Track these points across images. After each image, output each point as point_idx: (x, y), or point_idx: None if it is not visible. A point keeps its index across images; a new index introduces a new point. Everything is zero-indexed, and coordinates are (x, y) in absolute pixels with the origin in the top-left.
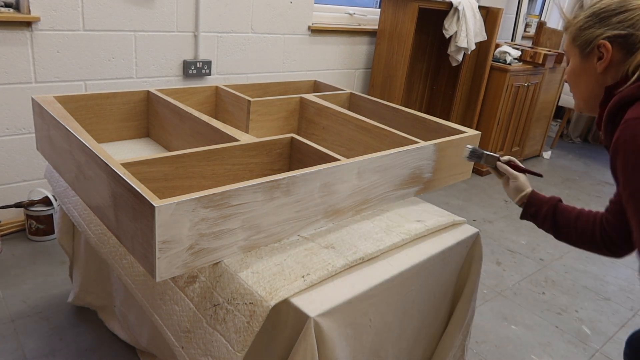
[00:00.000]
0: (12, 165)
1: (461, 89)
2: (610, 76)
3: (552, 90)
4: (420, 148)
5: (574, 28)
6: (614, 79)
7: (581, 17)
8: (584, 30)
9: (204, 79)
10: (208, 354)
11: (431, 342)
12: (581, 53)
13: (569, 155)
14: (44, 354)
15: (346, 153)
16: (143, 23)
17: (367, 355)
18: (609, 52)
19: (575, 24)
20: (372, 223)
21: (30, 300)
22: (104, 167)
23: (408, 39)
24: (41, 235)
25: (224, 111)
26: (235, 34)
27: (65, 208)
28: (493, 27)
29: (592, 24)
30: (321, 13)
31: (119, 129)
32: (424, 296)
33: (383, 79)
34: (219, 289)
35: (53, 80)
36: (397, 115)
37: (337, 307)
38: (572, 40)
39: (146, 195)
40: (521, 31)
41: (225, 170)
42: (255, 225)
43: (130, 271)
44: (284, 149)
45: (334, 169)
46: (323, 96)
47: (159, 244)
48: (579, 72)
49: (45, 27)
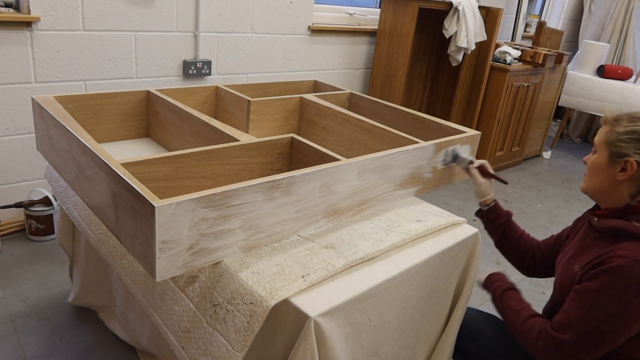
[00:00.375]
0: (12, 165)
1: (461, 89)
2: (626, 186)
3: (552, 90)
4: (420, 148)
5: (613, 134)
6: (630, 190)
7: (622, 128)
8: (621, 142)
9: (204, 79)
10: (208, 354)
11: (431, 342)
12: (610, 156)
13: (569, 155)
14: (44, 354)
15: (346, 153)
16: (143, 23)
17: (366, 354)
18: (633, 170)
19: (615, 130)
20: (372, 223)
21: (30, 300)
22: (104, 167)
23: (408, 39)
24: (41, 235)
25: (224, 111)
26: (235, 34)
27: (65, 208)
28: (493, 27)
29: (629, 141)
30: (321, 13)
31: (119, 129)
32: (423, 296)
33: (383, 79)
34: (219, 289)
35: (53, 80)
36: (397, 115)
37: (337, 307)
38: (606, 142)
39: (146, 195)
40: (521, 31)
41: (225, 170)
42: (255, 225)
43: (130, 271)
44: (284, 149)
45: (334, 169)
46: (323, 96)
47: (159, 244)
48: (600, 168)
49: (45, 27)
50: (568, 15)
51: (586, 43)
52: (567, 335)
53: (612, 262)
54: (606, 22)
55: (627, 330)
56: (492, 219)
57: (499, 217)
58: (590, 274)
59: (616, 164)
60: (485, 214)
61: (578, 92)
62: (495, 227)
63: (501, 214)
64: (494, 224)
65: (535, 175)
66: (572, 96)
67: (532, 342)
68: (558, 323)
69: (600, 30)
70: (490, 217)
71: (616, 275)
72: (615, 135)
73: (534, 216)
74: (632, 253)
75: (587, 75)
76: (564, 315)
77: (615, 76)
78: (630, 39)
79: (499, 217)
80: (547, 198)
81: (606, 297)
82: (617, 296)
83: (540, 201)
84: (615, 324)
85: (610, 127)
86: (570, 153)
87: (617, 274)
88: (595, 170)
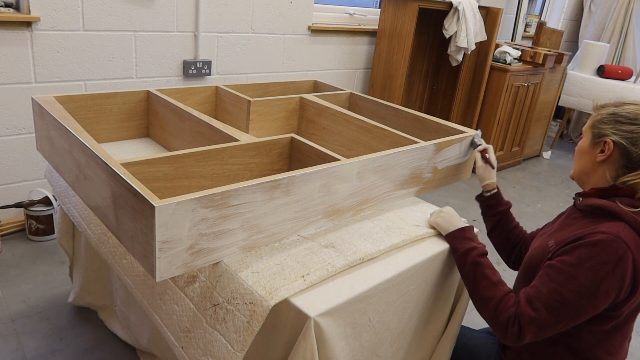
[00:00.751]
0: (12, 165)
1: (461, 89)
2: (606, 167)
3: (552, 90)
4: (420, 148)
5: (597, 117)
6: (609, 171)
7: (604, 111)
8: (601, 123)
9: (204, 79)
10: (208, 353)
11: (431, 342)
12: (591, 139)
13: (569, 155)
14: (44, 354)
15: (346, 153)
16: (143, 23)
17: (365, 354)
18: (610, 149)
19: (598, 115)
20: (372, 223)
21: (30, 300)
22: (104, 167)
23: (408, 39)
24: (41, 235)
25: (224, 111)
26: (235, 34)
27: (65, 208)
28: (493, 27)
29: (608, 122)
30: (321, 13)
31: (118, 129)
32: (423, 296)
33: (383, 79)
34: (219, 289)
35: (53, 80)
36: (397, 115)
37: (336, 307)
38: (591, 126)
39: (146, 195)
40: (521, 31)
41: (225, 170)
42: (255, 225)
43: (130, 271)
44: (284, 149)
45: (334, 169)
46: (323, 96)
47: (159, 244)
48: (583, 151)
49: (45, 27)
50: (568, 15)
51: (586, 43)
52: (535, 311)
53: (592, 237)
54: (606, 22)
55: (596, 306)
56: (492, 205)
57: (499, 204)
58: (567, 247)
59: (597, 145)
60: (486, 200)
61: (578, 92)
62: (493, 214)
63: (501, 202)
64: (492, 210)
65: (535, 175)
66: (572, 96)
67: (505, 322)
68: (526, 296)
69: (600, 30)
70: (490, 203)
71: (595, 249)
72: (598, 118)
73: (534, 216)
74: (614, 230)
75: (587, 75)
76: (534, 288)
77: (615, 76)
78: (630, 39)
79: (499, 204)
80: (547, 198)
81: (581, 270)
82: (592, 269)
83: (540, 201)
84: (586, 298)
85: (597, 112)
86: (570, 153)
87: (596, 248)
88: (580, 153)
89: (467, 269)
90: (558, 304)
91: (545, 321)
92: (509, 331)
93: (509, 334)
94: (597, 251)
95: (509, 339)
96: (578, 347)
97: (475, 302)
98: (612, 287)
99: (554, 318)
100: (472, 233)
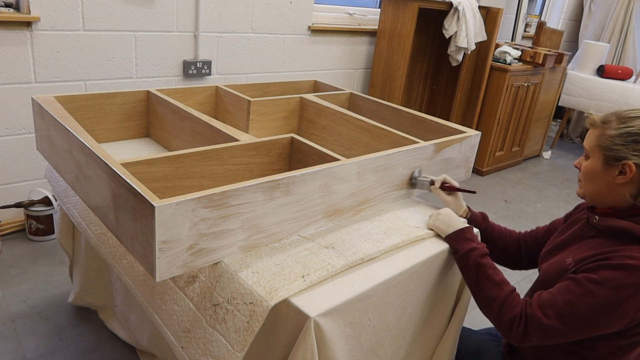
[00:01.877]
0: (12, 165)
1: (461, 89)
2: (626, 188)
3: (552, 90)
4: (420, 148)
5: (606, 138)
6: (630, 191)
7: (614, 131)
8: (616, 145)
9: (204, 79)
10: (208, 353)
11: (432, 342)
12: (605, 161)
13: (569, 155)
14: (44, 354)
15: (346, 153)
16: (143, 23)
17: (365, 354)
18: (632, 172)
19: (606, 133)
20: (372, 223)
21: (30, 300)
22: (104, 167)
23: (408, 39)
24: (41, 235)
25: (224, 111)
26: (235, 34)
27: (65, 208)
28: (493, 27)
29: (625, 143)
30: (321, 13)
31: (118, 129)
32: (423, 296)
33: (383, 79)
34: (218, 289)
35: (53, 80)
36: (397, 115)
37: (336, 307)
38: (599, 146)
39: (146, 195)
40: (521, 31)
41: (225, 170)
42: (255, 225)
43: (130, 271)
44: (284, 149)
45: (334, 169)
46: (323, 96)
47: (159, 244)
48: (596, 173)
49: (45, 27)
50: (568, 15)
51: (586, 43)
52: (546, 318)
53: (619, 260)
54: (606, 22)
55: (610, 324)
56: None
57: (477, 225)
58: (591, 266)
59: (613, 167)
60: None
61: (578, 92)
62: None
63: (479, 221)
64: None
65: (535, 175)
66: (572, 96)
67: (510, 322)
68: (540, 300)
69: (600, 30)
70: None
71: (620, 272)
72: (609, 139)
73: (534, 216)
74: None
75: (587, 75)
76: (550, 295)
77: (615, 76)
78: (630, 39)
79: (478, 225)
80: (547, 198)
81: (602, 290)
82: (614, 290)
83: (540, 201)
84: (601, 316)
85: (601, 130)
86: (570, 153)
87: (621, 271)
88: (591, 175)
89: (469, 270)
90: (571, 315)
91: (555, 329)
92: (514, 331)
93: (513, 334)
94: (623, 274)
95: (513, 339)
96: (590, 358)
97: (479, 303)
98: (630, 309)
99: (564, 328)
100: (472, 233)
